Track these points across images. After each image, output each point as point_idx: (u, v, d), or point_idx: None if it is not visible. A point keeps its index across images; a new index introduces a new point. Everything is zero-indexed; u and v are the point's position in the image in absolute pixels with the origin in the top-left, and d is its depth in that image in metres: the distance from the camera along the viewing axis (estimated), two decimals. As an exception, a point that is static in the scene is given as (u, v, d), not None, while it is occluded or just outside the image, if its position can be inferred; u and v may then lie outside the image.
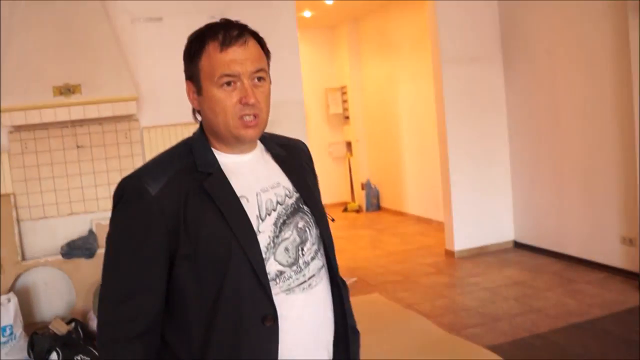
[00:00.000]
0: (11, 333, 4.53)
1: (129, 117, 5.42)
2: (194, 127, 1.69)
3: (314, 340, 1.66)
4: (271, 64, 1.70)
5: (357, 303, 5.50)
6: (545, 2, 6.32)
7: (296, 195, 1.69)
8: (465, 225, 6.99)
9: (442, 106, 6.93)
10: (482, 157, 7.02)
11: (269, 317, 1.53)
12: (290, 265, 1.60)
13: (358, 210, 10.41)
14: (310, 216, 1.69)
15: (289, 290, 1.59)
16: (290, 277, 1.59)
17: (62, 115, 4.94)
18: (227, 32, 1.56)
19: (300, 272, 1.61)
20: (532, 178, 6.84)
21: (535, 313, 5.07)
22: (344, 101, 10.81)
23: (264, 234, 1.57)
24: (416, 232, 8.49)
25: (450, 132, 6.88)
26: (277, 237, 1.60)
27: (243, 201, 1.58)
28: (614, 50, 5.53)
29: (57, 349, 4.36)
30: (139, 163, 5.46)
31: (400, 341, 4.68)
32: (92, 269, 5.06)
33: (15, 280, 5.10)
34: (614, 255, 5.80)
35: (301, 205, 1.68)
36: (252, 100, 1.56)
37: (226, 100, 1.55)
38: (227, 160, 1.63)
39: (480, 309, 5.27)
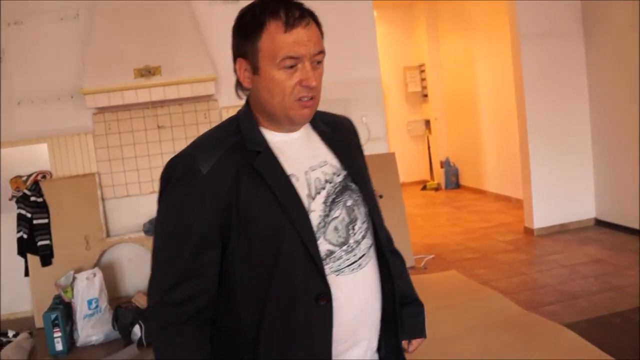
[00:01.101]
0: (97, 306, 4.75)
1: (207, 98, 5.55)
2: None
3: (363, 321, 1.62)
4: (350, 41, 1.69)
5: (434, 280, 5.58)
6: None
7: (344, 172, 1.65)
8: (545, 203, 6.88)
9: (520, 83, 6.80)
10: (562, 134, 6.87)
11: (323, 296, 1.51)
12: (341, 245, 1.57)
13: (437, 188, 10.36)
14: (358, 194, 1.65)
15: (338, 271, 1.56)
16: (341, 257, 1.57)
17: (143, 96, 5.11)
18: (289, 11, 1.50)
19: (351, 251, 1.59)
20: (615, 155, 6.66)
21: (615, 291, 4.97)
22: (423, 79, 10.73)
23: (315, 212, 1.55)
24: (495, 209, 8.40)
25: (529, 109, 6.76)
26: (327, 216, 1.56)
27: (293, 180, 1.55)
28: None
29: (140, 322, 4.55)
30: (217, 142, 5.61)
31: (476, 317, 4.67)
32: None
33: (101, 256, 5.33)
34: (700, 232, 5.61)
35: (349, 183, 1.64)
36: (313, 84, 1.52)
37: (287, 81, 1.51)
38: (275, 139, 1.59)
39: (558, 286, 5.20)
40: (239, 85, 1.61)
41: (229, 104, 5.67)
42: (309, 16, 1.53)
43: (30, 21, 5.29)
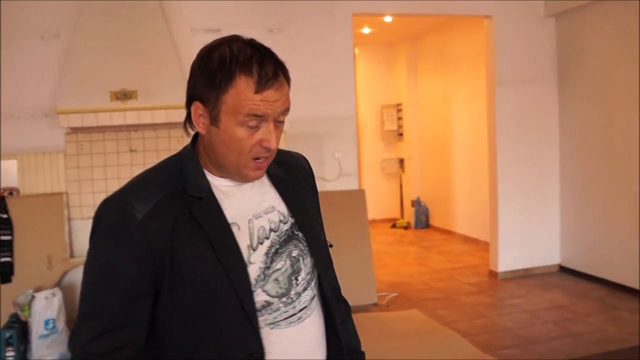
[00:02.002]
0: (54, 327, 4.70)
1: (181, 124, 5.56)
2: None
3: None
4: (328, 78, 1.62)
5: (394, 318, 5.61)
6: (603, 25, 6.30)
7: (291, 220, 1.57)
8: (511, 247, 6.97)
9: (493, 128, 6.94)
10: (531, 179, 7.00)
11: (256, 355, 1.43)
12: (280, 296, 1.49)
13: (406, 227, 10.42)
14: (305, 244, 1.57)
15: (274, 324, 1.48)
16: (279, 309, 1.49)
17: (118, 119, 5.13)
18: (262, 68, 1.40)
19: (290, 303, 1.51)
20: (582, 202, 6.78)
21: (574, 338, 5.03)
22: (399, 118, 10.86)
23: (255, 265, 1.47)
24: (462, 251, 8.47)
25: (501, 153, 6.88)
26: (268, 268, 1.49)
27: (234, 229, 1.47)
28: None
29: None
30: (189, 169, 5.63)
31: (433, 358, 4.71)
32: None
33: (62, 276, 5.27)
34: (659, 284, 5.72)
35: (296, 232, 1.56)
36: (274, 146, 1.45)
37: (246, 140, 1.43)
38: (220, 184, 1.52)
39: (518, 330, 5.25)
40: (188, 120, 1.51)
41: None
42: (281, 74, 1.44)
43: (10, 38, 5.30)
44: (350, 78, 6.30)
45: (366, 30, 9.33)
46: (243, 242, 1.47)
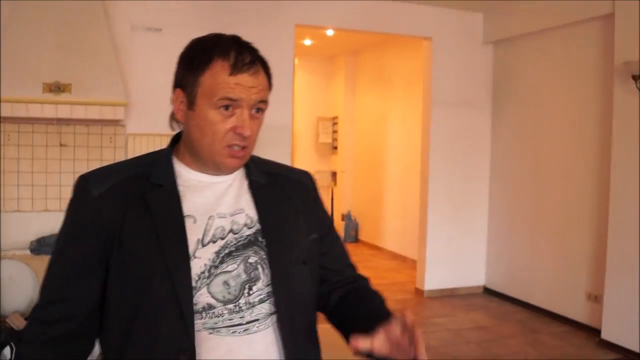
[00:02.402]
0: (-18, 320, 4.52)
1: (115, 122, 5.46)
2: None
3: None
4: None
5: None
6: (537, 55, 6.48)
7: (259, 226, 1.52)
8: (438, 266, 7.05)
9: (427, 146, 7.03)
10: (461, 200, 7.11)
11: (185, 353, 1.38)
12: (226, 302, 1.44)
13: (336, 241, 10.42)
14: (266, 253, 1.51)
15: (213, 329, 1.42)
16: (222, 314, 1.43)
17: (49, 112, 4.96)
18: (239, 54, 1.45)
19: (237, 312, 1.44)
20: (508, 226, 6.94)
21: (494, 358, 5.11)
22: (334, 131, 10.90)
23: (200, 260, 1.44)
24: (390, 267, 8.53)
25: (433, 173, 6.98)
26: (216, 267, 1.45)
27: (189, 221, 1.46)
28: (598, 111, 5.68)
29: (12, 343, 4.34)
30: (120, 168, 5.51)
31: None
32: (61, 267, 5.07)
33: (-12, 269, 5.10)
34: (578, 310, 5.88)
35: (260, 239, 1.51)
36: (247, 133, 1.45)
37: (219, 124, 1.44)
38: (192, 177, 1.53)
39: (441, 349, 5.30)
40: (173, 116, 1.54)
41: (137, 131, 5.60)
42: (259, 64, 1.48)
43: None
44: (288, 88, 6.28)
45: (307, 42, 9.34)
46: (194, 235, 1.45)
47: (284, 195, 1.61)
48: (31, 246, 5.13)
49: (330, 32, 8.26)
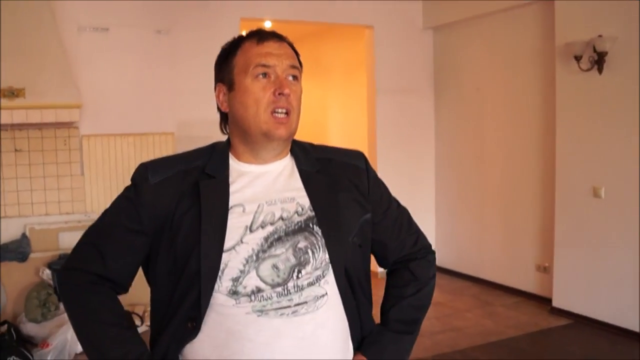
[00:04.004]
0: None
1: (68, 124, 5.44)
2: (133, 138, 1.75)
3: None
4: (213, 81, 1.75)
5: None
6: (475, 39, 6.72)
7: (310, 214, 1.58)
8: (390, 248, 7.20)
9: (374, 133, 7.19)
10: (408, 183, 7.25)
11: (193, 318, 1.52)
12: (275, 286, 1.51)
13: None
14: (319, 238, 1.57)
15: (261, 311, 1.50)
16: (270, 297, 1.50)
17: (5, 118, 4.91)
18: (262, 31, 1.61)
19: (286, 295, 1.51)
20: (455, 205, 7.18)
21: (456, 331, 5.34)
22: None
23: (247, 245, 1.52)
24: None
25: (380, 159, 7.12)
26: (265, 251, 1.52)
27: (237, 210, 1.55)
28: (540, 91, 5.94)
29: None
30: (76, 170, 5.54)
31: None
32: (23, 273, 5.06)
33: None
34: (529, 281, 6.18)
35: (311, 226, 1.57)
36: (287, 90, 1.53)
37: (260, 91, 1.54)
38: (243, 169, 1.62)
39: (403, 326, 5.47)
40: (223, 118, 1.67)
41: (90, 132, 5.60)
42: (284, 40, 1.63)
43: None
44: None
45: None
46: (242, 223, 1.54)
47: (334, 180, 1.66)
48: (-9, 252, 5.10)
49: (268, 24, 8.33)
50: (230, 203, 1.56)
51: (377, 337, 1.72)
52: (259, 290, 1.50)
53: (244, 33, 1.65)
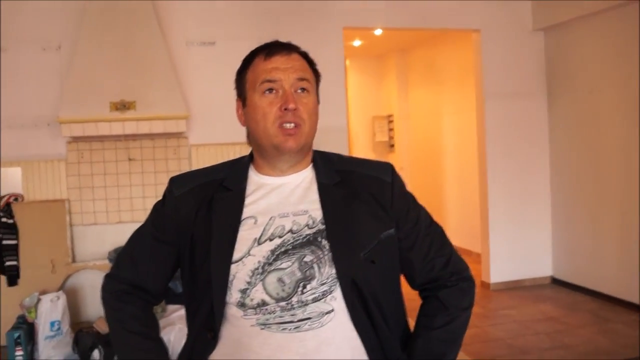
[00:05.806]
0: (59, 328, 4.75)
1: (178, 135, 5.64)
2: (240, 147, 1.79)
3: None
4: (319, 89, 1.74)
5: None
6: (590, 39, 6.41)
7: (320, 227, 1.55)
8: (502, 259, 7.04)
9: (483, 140, 7.03)
10: (522, 191, 7.08)
11: (211, 328, 1.56)
12: (279, 300, 1.50)
13: (398, 238, 10.43)
14: (326, 252, 1.52)
15: (265, 325, 1.50)
16: (274, 311, 1.50)
17: (117, 129, 5.18)
18: (273, 46, 1.61)
19: (289, 310, 1.50)
20: (572, 215, 6.87)
21: (565, 349, 5.11)
22: (390, 129, 10.94)
23: (254, 257, 1.52)
24: (454, 262, 8.50)
25: (491, 165, 6.97)
26: (270, 264, 1.51)
27: (249, 222, 1.56)
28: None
29: (100, 346, 4.56)
30: (185, 179, 5.69)
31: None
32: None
33: (65, 280, 5.31)
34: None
35: (319, 239, 1.53)
36: (292, 105, 1.53)
37: (267, 107, 1.55)
38: (261, 180, 1.64)
39: (510, 340, 5.32)
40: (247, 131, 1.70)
41: (199, 142, 5.76)
42: (294, 51, 1.63)
43: (13, 49, 5.37)
44: (341, 90, 6.37)
45: (357, 43, 9.40)
46: (252, 235, 1.56)
47: (354, 193, 1.61)
48: (110, 256, 5.35)
49: (378, 32, 8.31)
50: (244, 215, 1.59)
51: None
52: (264, 303, 1.51)
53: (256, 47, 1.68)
